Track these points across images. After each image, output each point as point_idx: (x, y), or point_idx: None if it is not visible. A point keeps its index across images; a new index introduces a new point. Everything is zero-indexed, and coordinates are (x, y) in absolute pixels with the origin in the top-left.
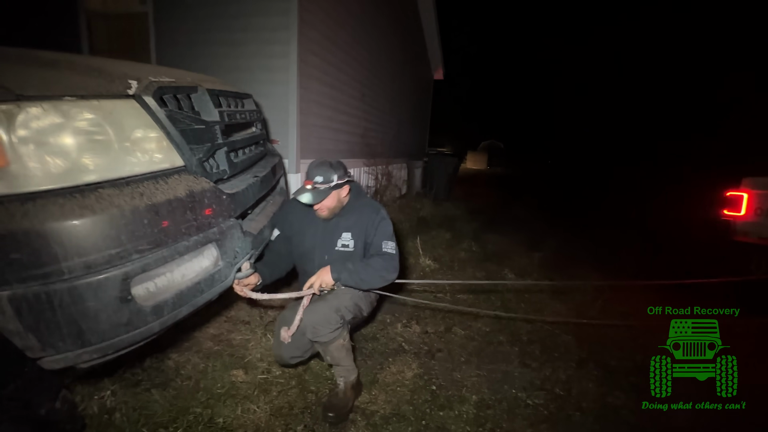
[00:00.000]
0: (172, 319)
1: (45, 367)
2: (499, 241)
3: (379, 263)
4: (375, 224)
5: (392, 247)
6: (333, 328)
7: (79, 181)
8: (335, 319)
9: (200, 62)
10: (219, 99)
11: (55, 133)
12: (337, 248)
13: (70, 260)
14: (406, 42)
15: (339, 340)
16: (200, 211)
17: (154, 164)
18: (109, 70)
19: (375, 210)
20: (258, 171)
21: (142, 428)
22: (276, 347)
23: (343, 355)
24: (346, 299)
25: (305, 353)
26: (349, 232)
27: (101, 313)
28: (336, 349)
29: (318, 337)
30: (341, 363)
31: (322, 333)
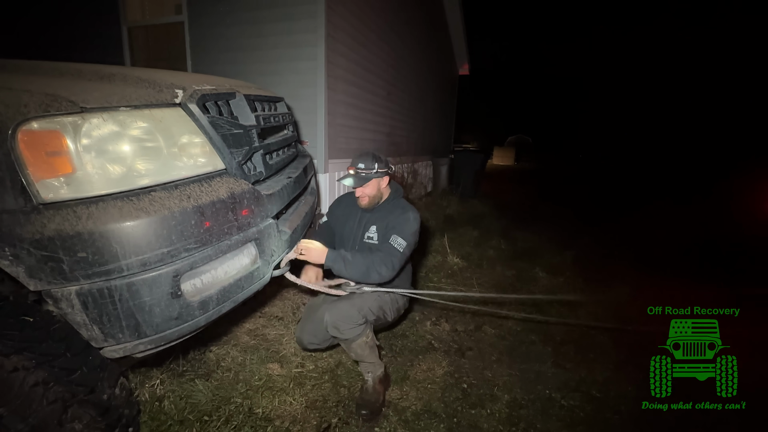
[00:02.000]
0: (216, 313)
1: (107, 356)
2: (529, 239)
3: (378, 257)
4: (399, 220)
5: (401, 244)
6: (353, 326)
7: (134, 185)
8: (356, 318)
9: (232, 67)
10: (254, 104)
11: (113, 141)
12: (364, 240)
13: (129, 258)
14: (431, 38)
15: (362, 338)
16: (240, 212)
17: (198, 168)
18: (157, 81)
19: (405, 210)
20: (291, 172)
21: (188, 415)
22: (299, 330)
23: (367, 353)
24: (370, 301)
25: (323, 342)
26: (375, 225)
27: (155, 307)
28: (359, 347)
29: (339, 334)
30: (365, 359)
31: (343, 330)
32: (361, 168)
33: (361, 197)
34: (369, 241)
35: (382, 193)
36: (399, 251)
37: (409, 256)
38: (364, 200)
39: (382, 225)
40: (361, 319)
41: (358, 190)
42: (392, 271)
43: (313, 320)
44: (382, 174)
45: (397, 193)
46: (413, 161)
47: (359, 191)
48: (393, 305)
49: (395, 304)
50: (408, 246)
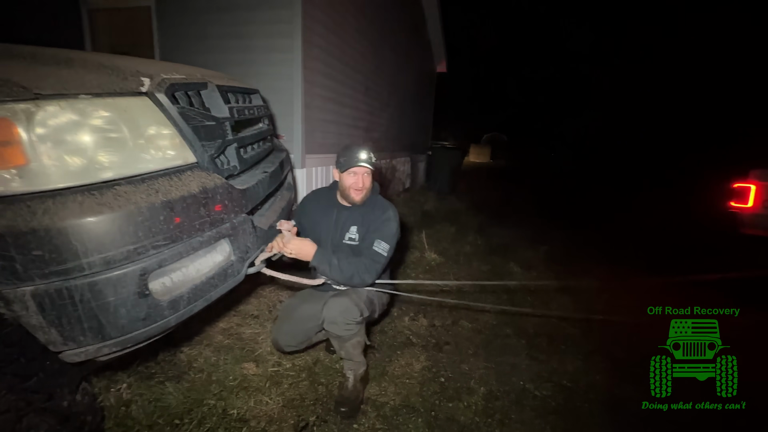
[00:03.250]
0: (187, 313)
1: (66, 361)
2: (504, 234)
3: (363, 264)
4: (379, 221)
5: (384, 248)
6: (352, 323)
7: (96, 178)
8: (355, 314)
9: (205, 57)
10: (228, 95)
11: (72, 131)
12: (345, 241)
13: (90, 256)
14: (409, 34)
15: (357, 338)
16: (213, 207)
17: (167, 161)
18: (121, 68)
19: (384, 208)
20: (267, 166)
21: (158, 420)
22: (275, 332)
23: (358, 351)
24: (364, 296)
25: (300, 344)
26: (355, 226)
27: (120, 307)
28: (352, 346)
29: (338, 332)
30: (353, 358)
31: (342, 327)
32: (370, 156)
33: (362, 190)
34: (349, 242)
35: (370, 188)
36: (383, 256)
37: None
38: (363, 193)
39: (362, 226)
40: (359, 316)
41: (363, 182)
42: (375, 277)
43: (290, 321)
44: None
45: (375, 190)
46: (391, 157)
47: (363, 183)
48: (380, 300)
49: (381, 299)
50: (391, 249)
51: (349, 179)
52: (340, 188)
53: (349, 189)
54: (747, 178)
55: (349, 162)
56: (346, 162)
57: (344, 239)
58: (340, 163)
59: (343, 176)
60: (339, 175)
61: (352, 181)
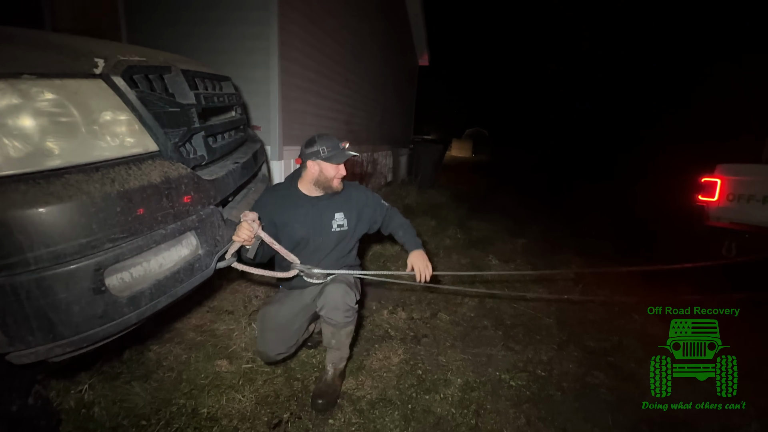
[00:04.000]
0: (150, 309)
1: (14, 362)
2: (484, 228)
3: (400, 216)
4: (368, 198)
5: (389, 205)
6: (352, 308)
7: (42, 166)
8: (354, 299)
9: (176, 43)
10: (195, 81)
11: (13, 114)
12: (333, 229)
13: (37, 250)
14: (391, 27)
15: (351, 326)
16: (177, 198)
17: (125, 149)
18: (73, 47)
19: (358, 188)
20: (239, 157)
21: (123, 421)
22: (261, 344)
23: (348, 341)
24: (351, 280)
25: (290, 349)
26: (341, 212)
27: (73, 305)
28: (346, 335)
29: (339, 318)
30: (343, 348)
31: (343, 313)
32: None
33: (341, 177)
34: (340, 229)
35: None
36: (395, 208)
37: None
38: (341, 179)
39: (347, 210)
40: (355, 300)
41: (343, 170)
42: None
43: (274, 328)
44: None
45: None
46: (373, 150)
47: (343, 171)
48: (359, 284)
49: (358, 284)
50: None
51: (333, 170)
52: (319, 179)
53: (333, 179)
54: (713, 172)
55: (339, 154)
56: (334, 154)
57: (333, 228)
58: (322, 155)
59: (327, 167)
60: (319, 166)
61: (336, 171)
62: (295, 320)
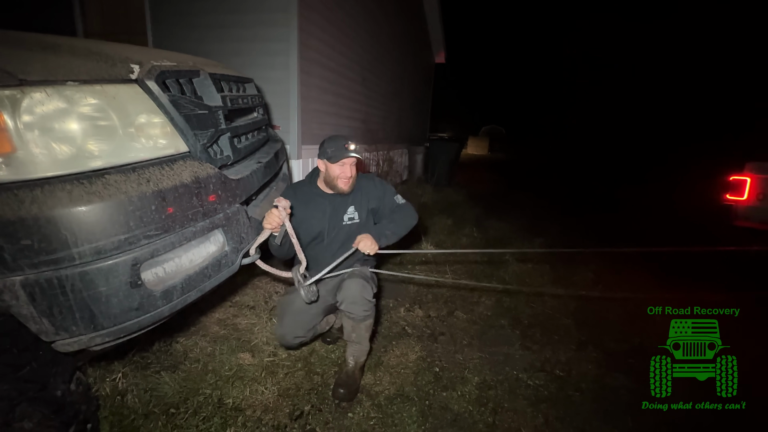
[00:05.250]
0: (181, 303)
1: (59, 350)
2: (501, 227)
3: (403, 213)
4: (378, 187)
5: (402, 198)
6: (371, 302)
7: (85, 167)
8: (371, 292)
9: (199, 46)
10: (221, 83)
11: (60, 118)
12: (345, 223)
13: (80, 246)
14: (407, 25)
15: (370, 320)
16: (206, 197)
17: (158, 150)
18: (110, 54)
19: (370, 178)
20: (261, 157)
21: (154, 409)
22: (279, 329)
23: (368, 335)
24: (367, 274)
25: (307, 333)
26: (352, 206)
27: (112, 297)
28: (366, 328)
29: (358, 312)
30: (363, 341)
31: (362, 307)
32: (356, 148)
33: (349, 179)
34: (351, 222)
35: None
36: (407, 202)
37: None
38: (350, 182)
39: (358, 202)
40: (372, 293)
41: (351, 172)
42: (417, 217)
43: (291, 314)
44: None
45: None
46: (389, 149)
47: (351, 173)
48: (375, 278)
49: (374, 279)
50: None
51: (336, 170)
52: (326, 178)
53: (337, 179)
54: (743, 171)
55: (339, 153)
56: (335, 153)
57: (344, 221)
58: (327, 154)
59: (331, 167)
60: (325, 165)
61: (339, 172)
62: (312, 306)
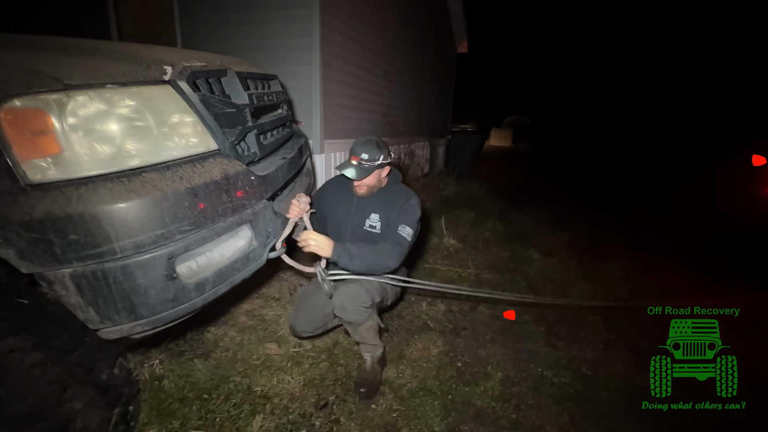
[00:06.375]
0: (212, 295)
1: (104, 338)
2: (525, 220)
3: (385, 249)
4: (401, 207)
5: (408, 233)
6: (362, 308)
7: (124, 166)
8: (365, 299)
9: (224, 43)
10: (247, 81)
11: (101, 120)
12: (365, 228)
13: (121, 240)
14: (429, 14)
15: (369, 322)
16: (235, 193)
17: (190, 148)
18: (145, 56)
19: (407, 197)
20: (286, 153)
21: (188, 394)
22: (292, 318)
23: (372, 335)
24: (375, 282)
25: (316, 330)
26: (377, 214)
27: (150, 289)
28: (365, 330)
29: (349, 318)
30: (368, 342)
31: (352, 312)
32: (365, 159)
33: (359, 187)
34: (371, 230)
35: (382, 182)
36: (408, 240)
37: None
38: (362, 189)
39: (384, 213)
40: (369, 301)
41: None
42: (399, 262)
43: (306, 308)
44: (385, 164)
45: (396, 178)
46: (410, 142)
47: (359, 182)
48: (393, 289)
49: (394, 288)
50: (414, 234)
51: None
52: None
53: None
54: None
55: (341, 165)
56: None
57: (365, 226)
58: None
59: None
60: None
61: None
62: (326, 305)
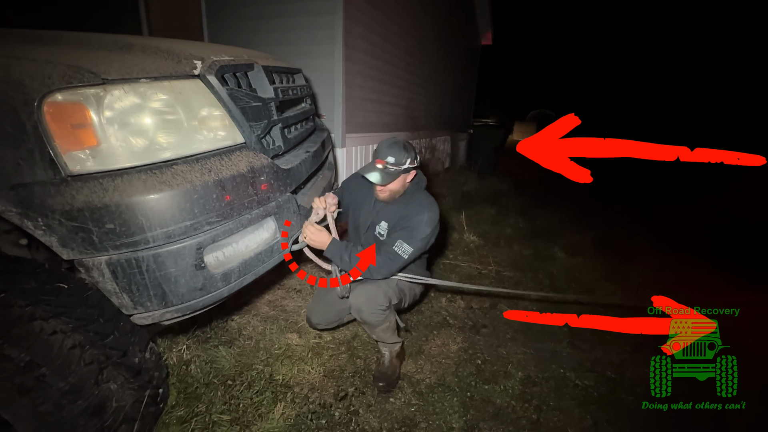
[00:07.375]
0: (238, 285)
1: (136, 323)
2: (548, 218)
3: (379, 261)
4: (411, 223)
5: (405, 251)
6: (377, 310)
7: (157, 158)
8: (381, 301)
9: (249, 36)
10: (273, 75)
11: (135, 113)
12: (375, 233)
13: (154, 230)
14: (453, 6)
15: (385, 324)
16: (260, 186)
17: (218, 141)
18: (176, 51)
19: (421, 209)
20: (309, 146)
21: (213, 379)
22: (309, 310)
23: (389, 335)
24: (393, 282)
25: (330, 324)
26: (387, 223)
27: (180, 278)
28: (382, 330)
29: (365, 319)
30: (386, 340)
31: (368, 314)
32: (391, 162)
33: (381, 191)
34: (378, 236)
35: (406, 186)
36: (402, 258)
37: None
38: (384, 194)
39: (392, 223)
40: (386, 303)
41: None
42: (387, 277)
43: (323, 302)
44: (411, 169)
45: (419, 185)
46: (431, 136)
47: (382, 187)
48: (411, 291)
49: (413, 291)
50: (415, 251)
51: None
52: None
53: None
54: None
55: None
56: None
57: (375, 231)
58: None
59: None
60: None
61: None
62: (342, 302)
